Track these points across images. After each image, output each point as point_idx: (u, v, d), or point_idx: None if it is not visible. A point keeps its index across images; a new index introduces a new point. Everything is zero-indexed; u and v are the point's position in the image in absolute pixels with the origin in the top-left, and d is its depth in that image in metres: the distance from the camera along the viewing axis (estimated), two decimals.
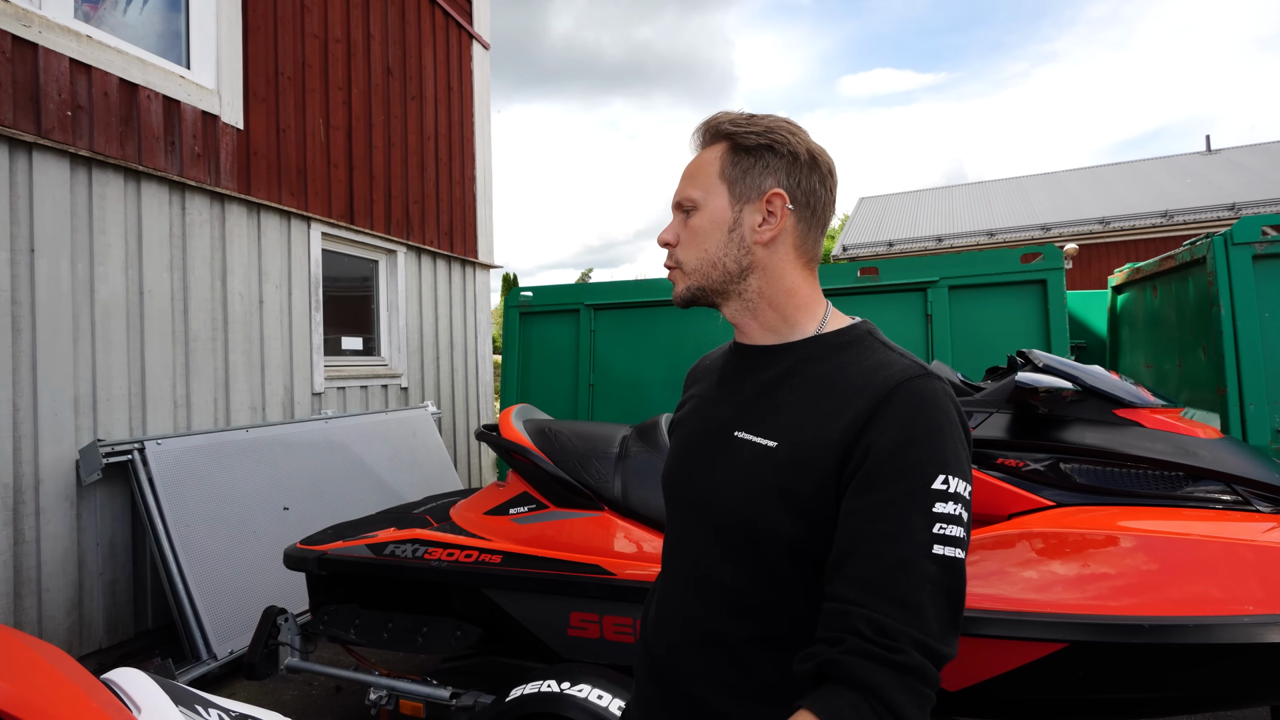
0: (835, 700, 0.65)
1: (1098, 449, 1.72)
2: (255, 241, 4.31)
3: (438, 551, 2.22)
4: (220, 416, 3.98)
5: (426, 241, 5.93)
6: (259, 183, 4.32)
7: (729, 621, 0.84)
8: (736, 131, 0.89)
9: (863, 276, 3.55)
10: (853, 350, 0.86)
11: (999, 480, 1.76)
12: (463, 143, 6.52)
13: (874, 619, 0.67)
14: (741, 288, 0.90)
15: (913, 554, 0.69)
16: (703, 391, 0.99)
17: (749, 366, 0.92)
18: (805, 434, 0.80)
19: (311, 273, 4.72)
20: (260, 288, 4.32)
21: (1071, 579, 1.53)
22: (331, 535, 2.50)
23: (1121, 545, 1.54)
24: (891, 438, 0.74)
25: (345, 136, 5.06)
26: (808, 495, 0.78)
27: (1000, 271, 3.22)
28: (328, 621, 2.32)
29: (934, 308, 3.30)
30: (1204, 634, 1.38)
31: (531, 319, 4.43)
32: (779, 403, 0.86)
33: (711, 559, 0.87)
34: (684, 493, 0.93)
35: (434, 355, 6.01)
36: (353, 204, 5.11)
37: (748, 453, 0.84)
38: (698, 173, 0.90)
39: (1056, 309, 3.09)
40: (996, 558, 1.63)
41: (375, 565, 2.25)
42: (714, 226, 0.89)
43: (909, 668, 0.65)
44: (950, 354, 3.21)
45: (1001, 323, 3.19)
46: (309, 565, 2.35)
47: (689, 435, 0.96)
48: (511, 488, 2.45)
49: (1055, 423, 1.80)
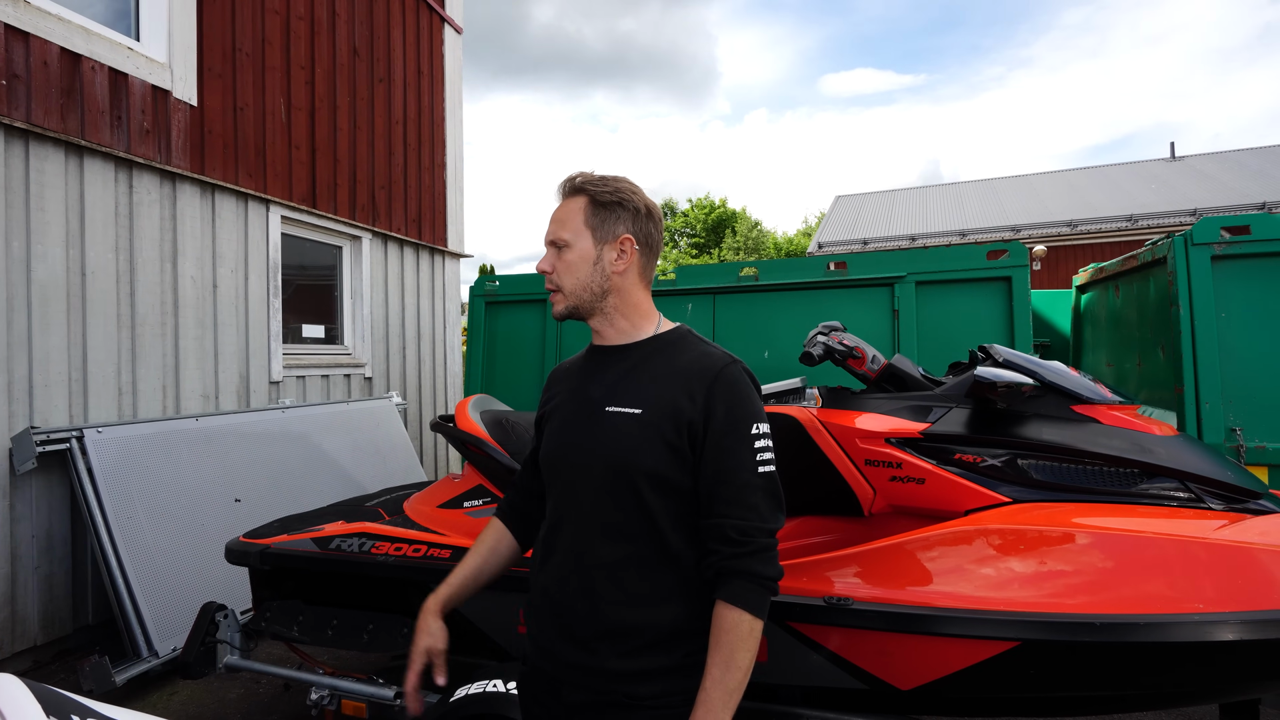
0: (730, 588, 1.11)
1: (1055, 445, 1.71)
2: (209, 223, 4.16)
3: (385, 546, 2.17)
4: (169, 404, 3.84)
5: (393, 228, 5.80)
6: (214, 162, 4.16)
7: (608, 547, 1.16)
8: (594, 190, 1.22)
9: (832, 271, 3.54)
10: (680, 344, 1.24)
11: (956, 476, 1.75)
12: (433, 128, 6.38)
13: (737, 524, 1.12)
14: (603, 305, 1.24)
15: (749, 476, 1.13)
16: (568, 388, 1.29)
17: (609, 361, 1.26)
18: (663, 402, 1.17)
19: (270, 257, 4.57)
20: (214, 271, 4.17)
21: (1026, 576, 1.52)
22: (277, 528, 2.43)
23: (1076, 542, 1.53)
24: (723, 406, 1.15)
25: (308, 117, 4.90)
26: (671, 439, 1.14)
27: (966, 268, 3.23)
28: (270, 618, 2.25)
29: (901, 303, 3.29)
30: (1155, 632, 1.37)
31: (497, 308, 4.35)
32: (637, 383, 1.20)
33: (594, 503, 1.17)
34: (570, 458, 1.21)
35: (400, 345, 5.89)
36: (315, 187, 4.97)
37: (620, 419, 1.17)
38: (567, 219, 1.22)
39: (1021, 306, 3.10)
40: (952, 555, 1.62)
41: (320, 560, 2.19)
42: (582, 261, 1.22)
43: (761, 548, 1.12)
44: (916, 348, 3.21)
45: (966, 319, 3.20)
46: (251, 560, 2.28)
47: (566, 418, 1.25)
48: (467, 480, 2.41)
49: (1013, 418, 1.78)
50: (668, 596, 1.15)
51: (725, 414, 1.15)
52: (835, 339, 2.06)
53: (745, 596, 1.09)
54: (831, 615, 1.59)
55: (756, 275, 3.70)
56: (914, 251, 3.41)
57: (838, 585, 1.65)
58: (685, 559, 1.17)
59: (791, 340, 3.37)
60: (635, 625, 1.13)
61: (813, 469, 1.90)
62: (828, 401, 1.99)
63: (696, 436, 1.15)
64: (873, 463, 1.84)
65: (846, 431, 1.87)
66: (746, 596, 1.09)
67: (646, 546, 1.15)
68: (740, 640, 1.08)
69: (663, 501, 1.15)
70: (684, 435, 1.14)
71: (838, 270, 3.52)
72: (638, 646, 1.13)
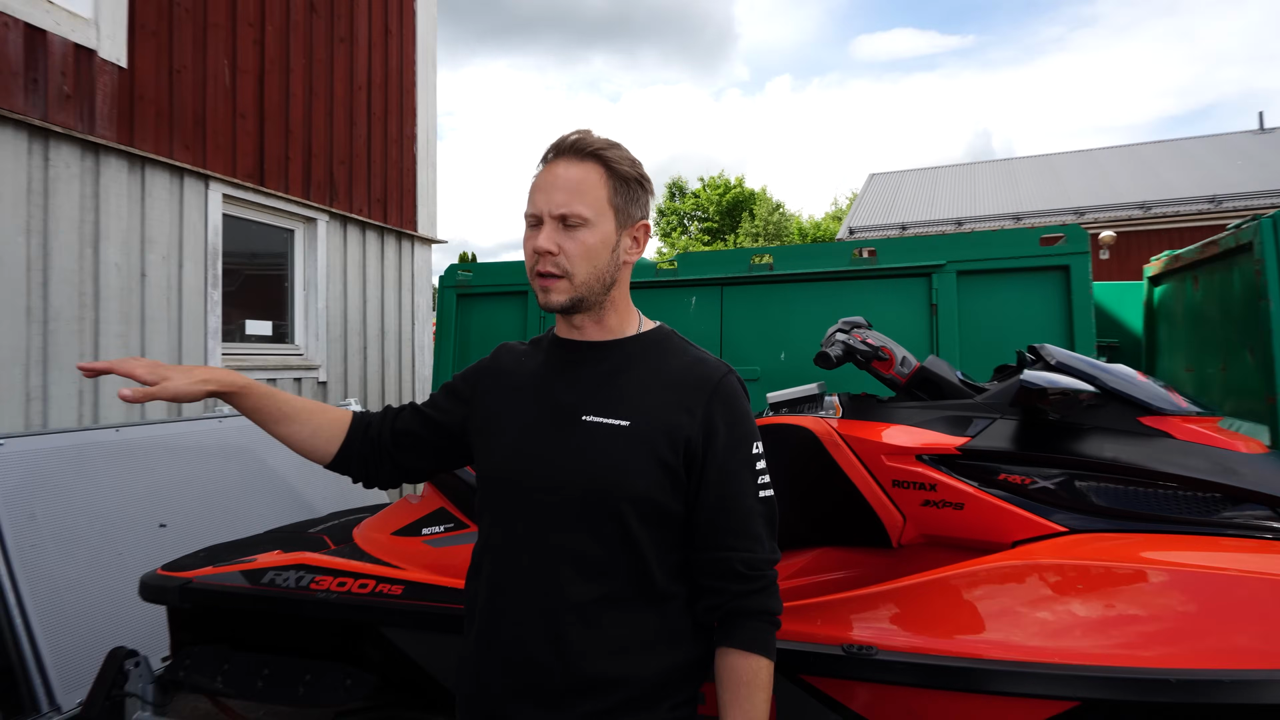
0: (744, 632, 1.12)
1: (1119, 464, 1.68)
2: (138, 202, 4.14)
3: (327, 580, 2.14)
4: (86, 413, 3.81)
5: (354, 209, 5.78)
6: (145, 132, 4.14)
7: (579, 586, 1.12)
8: (614, 161, 1.17)
9: (860, 259, 3.48)
10: (666, 347, 1.24)
11: (1000, 500, 1.72)
12: (401, 95, 6.36)
13: (745, 557, 1.13)
14: (604, 299, 1.21)
15: (752, 502, 1.16)
16: (522, 385, 1.25)
17: (583, 359, 1.22)
18: (656, 414, 1.15)
19: (209, 242, 4.55)
20: (143, 258, 4.15)
21: (1088, 622, 1.50)
22: (203, 559, 2.41)
23: (1148, 581, 1.51)
24: (725, 422, 1.16)
25: (256, 82, 4.88)
26: (665, 458, 1.13)
27: (1016, 255, 3.18)
28: (190, 667, 2.22)
29: (940, 296, 3.25)
30: (1244, 692, 1.33)
31: (471, 301, 4.31)
32: (623, 389, 1.18)
33: (565, 531, 1.13)
34: (533, 476, 1.16)
35: (360, 344, 5.87)
36: (263, 162, 4.95)
37: (602, 432, 1.14)
38: (584, 190, 1.14)
39: (1081, 300, 3.05)
40: (998, 595, 1.59)
41: (250, 597, 2.16)
42: (604, 246, 1.17)
43: (770, 581, 1.15)
44: (957, 349, 3.17)
45: (1016, 315, 3.16)
46: (170, 597, 2.25)
47: (526, 424, 1.20)
48: (426, 502, 2.40)
49: (1069, 432, 1.76)
50: (652, 643, 1.13)
51: (728, 432, 1.15)
52: (858, 337, 2.03)
53: (762, 640, 1.12)
54: (852, 668, 1.56)
55: (772, 264, 3.65)
56: (955, 236, 3.36)
57: (860, 631, 1.63)
58: (672, 598, 1.15)
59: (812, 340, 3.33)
60: (615, 678, 1.10)
61: (830, 491, 1.88)
62: (849, 411, 1.97)
63: (695, 457, 1.14)
64: (902, 484, 1.81)
65: (871, 446, 1.85)
66: (763, 640, 1.12)
67: (628, 584, 1.13)
68: (762, 691, 1.10)
69: (650, 531, 1.13)
70: (680, 454, 1.13)
71: (867, 258, 3.46)
72: (619, 703, 1.10)
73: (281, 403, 1.29)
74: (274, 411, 1.28)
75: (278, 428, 1.28)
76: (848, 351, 2.03)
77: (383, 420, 1.35)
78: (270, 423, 1.28)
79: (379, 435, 1.33)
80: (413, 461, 1.35)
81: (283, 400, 1.29)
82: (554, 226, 1.15)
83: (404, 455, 1.34)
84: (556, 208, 1.14)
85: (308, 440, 1.30)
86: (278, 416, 1.28)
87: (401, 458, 1.34)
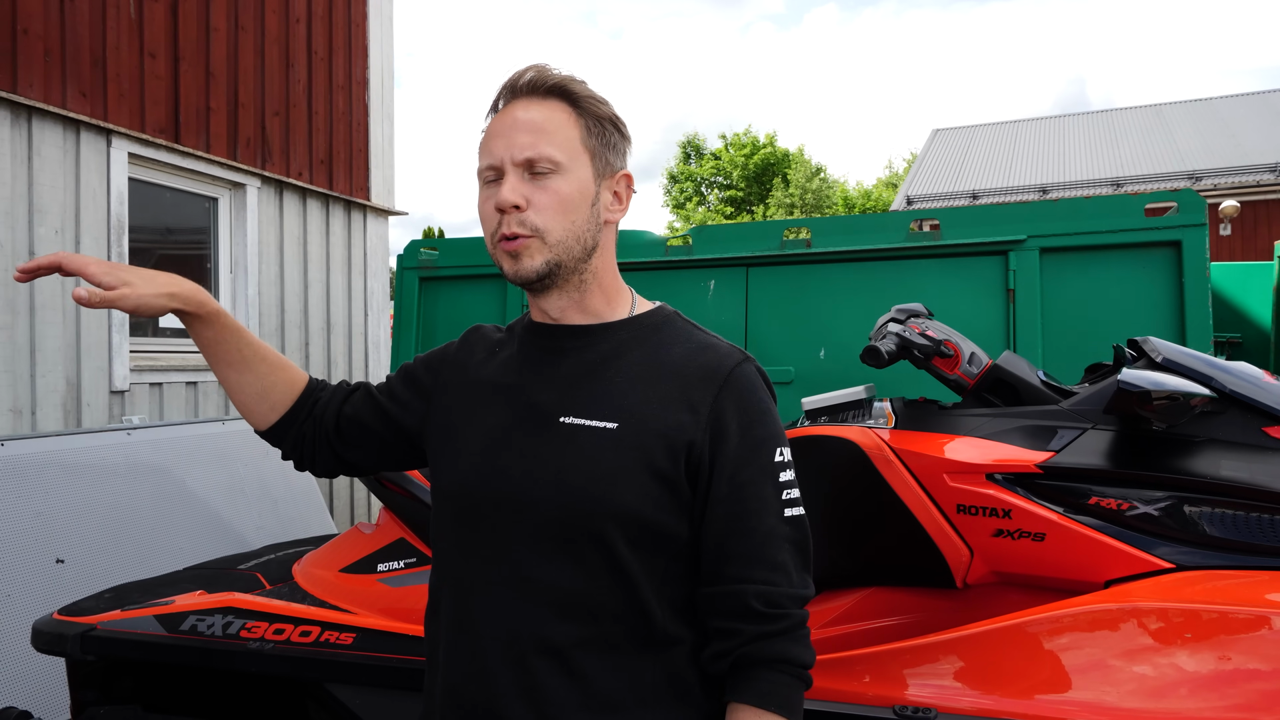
0: (756, 684, 1.09)
1: (1239, 485, 1.69)
2: (24, 163, 4.19)
3: (260, 627, 2.19)
4: None
5: (292, 173, 5.83)
6: (31, 76, 4.19)
7: (557, 627, 1.11)
8: (584, 97, 1.18)
9: (919, 233, 3.50)
10: (667, 331, 1.23)
11: (1091, 530, 1.74)
12: (350, 29, 6.41)
13: (762, 591, 1.10)
14: (584, 269, 1.20)
15: (774, 523, 1.13)
16: (490, 379, 1.26)
17: (564, 348, 1.22)
18: (650, 414, 1.13)
19: (112, 211, 4.60)
20: (30, 232, 4.20)
21: (1200, 679, 1.52)
22: (109, 601, 2.46)
23: (1271, 629, 1.52)
24: (738, 422, 1.14)
25: (169, 13, 4.94)
26: (662, 467, 1.11)
27: (1115, 229, 3.18)
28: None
29: (1019, 278, 3.25)
30: None
31: (437, 286, 4.34)
32: (610, 384, 1.17)
33: (538, 559, 1.12)
34: (496, 491, 1.16)
35: (300, 339, 5.92)
36: (178, 113, 4.99)
37: (583, 436, 1.13)
38: (552, 131, 1.15)
39: (1195, 284, 3.05)
40: (1087, 645, 1.61)
41: (166, 647, 2.21)
42: (582, 198, 1.16)
43: (795, 623, 1.11)
44: (1038, 344, 3.16)
45: (1114, 302, 3.15)
46: (69, 646, 2.28)
47: (491, 428, 1.21)
48: (383, 532, 2.45)
49: (1178, 446, 1.77)
50: (651, 698, 1.13)
51: (742, 434, 1.14)
52: (915, 329, 2.05)
53: (781, 695, 1.09)
54: None
55: (809, 239, 3.66)
56: (1038, 205, 3.36)
57: (917, 690, 1.64)
58: (675, 643, 1.15)
59: (859, 333, 3.34)
60: None
61: (880, 518, 1.89)
62: (904, 420, 1.99)
63: (700, 465, 1.13)
64: (969, 509, 1.83)
65: (931, 463, 1.87)
66: (784, 695, 1.09)
67: (618, 625, 1.12)
68: None
69: (644, 558, 1.12)
70: (681, 463, 1.12)
71: (927, 232, 3.48)
72: None
73: (244, 344, 1.31)
74: (233, 353, 1.31)
75: (228, 371, 1.32)
76: (902, 346, 2.04)
77: (330, 398, 1.39)
78: (222, 364, 1.31)
79: (322, 416, 1.37)
80: (355, 455, 1.38)
81: (246, 342, 1.32)
82: (518, 176, 1.14)
83: (346, 446, 1.37)
84: (520, 151, 1.13)
85: (252, 398, 1.35)
86: (234, 359, 1.31)
87: (343, 449, 1.37)
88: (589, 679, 1.10)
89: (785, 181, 36.22)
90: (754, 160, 38.01)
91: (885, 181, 37.14)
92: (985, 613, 1.80)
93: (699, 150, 40.59)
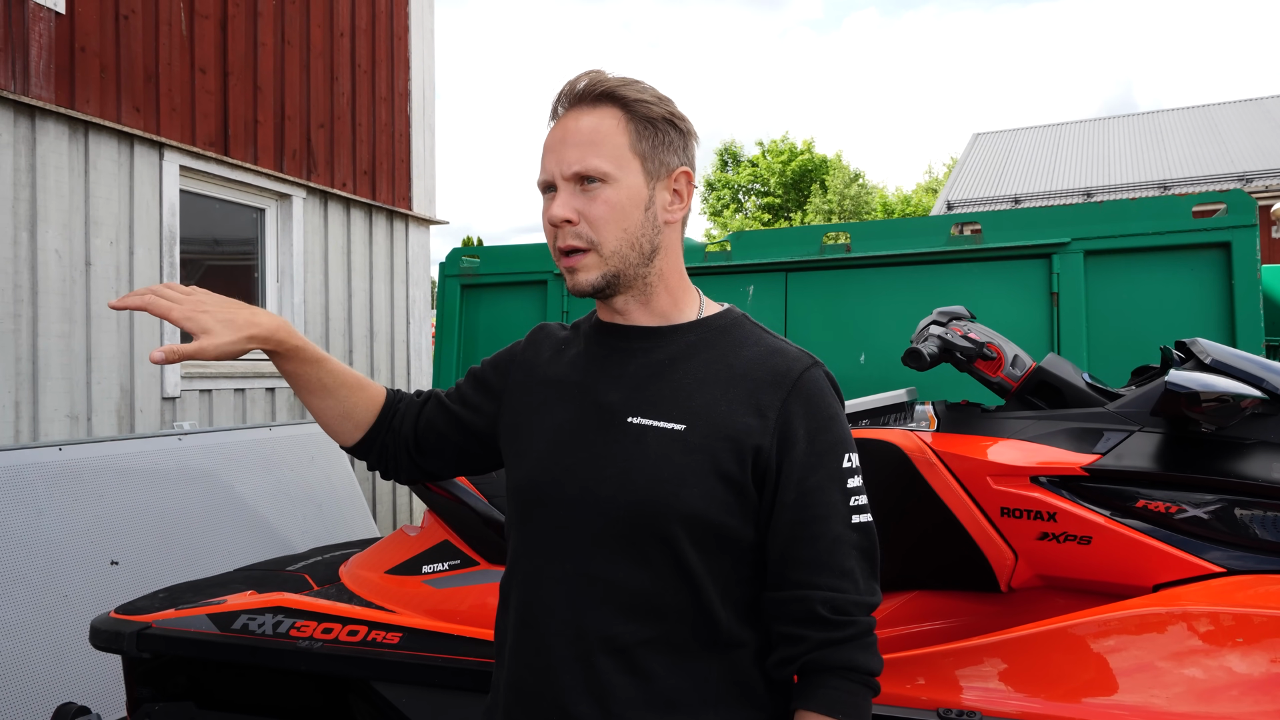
0: (824, 691, 1.10)
1: None
2: (81, 176, 4.30)
3: (310, 627, 2.22)
4: (24, 429, 3.97)
5: (336, 183, 5.92)
6: (88, 92, 4.31)
7: (623, 625, 1.13)
8: (634, 100, 1.19)
9: (960, 236, 3.48)
10: (735, 334, 1.24)
11: (1139, 533, 1.73)
12: (392, 41, 6.51)
13: (829, 597, 1.11)
14: (647, 272, 1.22)
15: (841, 529, 1.13)
16: (558, 378, 1.28)
17: (632, 348, 1.24)
18: (718, 416, 1.15)
19: (165, 223, 4.70)
20: (87, 243, 4.31)
21: (1252, 682, 1.51)
22: (164, 601, 2.51)
23: None
24: (806, 427, 1.15)
25: (218, 29, 5.05)
26: (729, 470, 1.13)
27: (1162, 231, 3.14)
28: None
29: (1063, 282, 3.22)
30: None
31: (479, 293, 4.39)
32: (678, 385, 1.18)
33: (603, 559, 1.15)
34: (563, 490, 1.19)
35: (344, 345, 6.00)
36: (228, 127, 5.10)
37: (651, 437, 1.15)
38: (600, 141, 1.16)
39: (1246, 286, 3.00)
40: (1135, 648, 1.61)
41: (218, 645, 2.25)
42: (633, 204, 1.18)
43: (863, 630, 1.12)
44: (1084, 347, 3.13)
45: (1161, 305, 3.11)
46: (125, 644, 2.34)
47: (559, 427, 1.23)
48: (427, 535, 2.47)
49: (1228, 448, 1.76)
50: (714, 699, 1.14)
51: (810, 439, 1.15)
52: (957, 331, 2.04)
53: (849, 702, 1.09)
54: None
55: (849, 244, 3.65)
56: (1083, 207, 3.33)
57: (961, 693, 1.64)
58: (739, 645, 1.16)
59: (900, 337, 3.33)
60: None
61: (922, 522, 1.89)
62: (946, 422, 1.99)
63: (767, 469, 1.14)
64: (1013, 512, 1.82)
65: (974, 466, 1.87)
66: (853, 703, 1.10)
67: (683, 626, 1.14)
68: None
69: (710, 560, 1.14)
70: (748, 467, 1.14)
71: (969, 236, 3.46)
72: None
73: (325, 373, 1.34)
74: (314, 383, 1.33)
75: (311, 399, 1.35)
76: (945, 349, 2.04)
77: (406, 411, 1.41)
78: (305, 392, 1.34)
79: (400, 428, 1.40)
80: (434, 464, 1.41)
81: (328, 370, 1.34)
82: (570, 190, 1.17)
83: (425, 457, 1.40)
84: (568, 166, 1.16)
85: (336, 419, 1.37)
86: (316, 388, 1.34)
87: (421, 459, 1.40)
88: (653, 678, 1.12)
89: (823, 188, 36.00)
90: (791, 167, 37.84)
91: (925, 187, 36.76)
92: (1030, 617, 1.80)
93: (736, 158, 40.50)
